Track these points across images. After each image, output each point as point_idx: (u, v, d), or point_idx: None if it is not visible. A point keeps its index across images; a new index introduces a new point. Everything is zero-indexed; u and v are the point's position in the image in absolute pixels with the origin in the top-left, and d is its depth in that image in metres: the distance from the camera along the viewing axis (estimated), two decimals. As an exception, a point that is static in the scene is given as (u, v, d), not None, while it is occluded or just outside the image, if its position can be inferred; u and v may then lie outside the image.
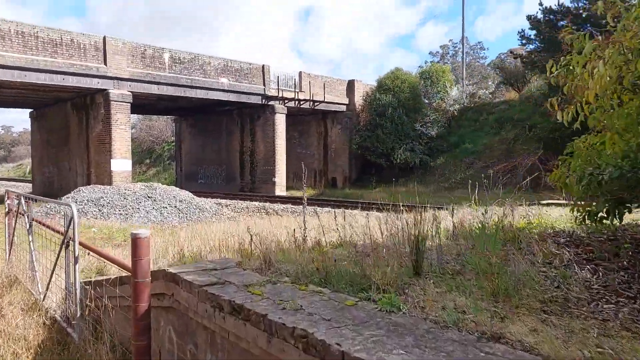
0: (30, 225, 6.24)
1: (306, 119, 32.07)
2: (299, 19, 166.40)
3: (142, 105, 25.01)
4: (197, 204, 16.04)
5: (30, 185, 34.98)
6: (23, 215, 6.59)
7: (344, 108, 30.65)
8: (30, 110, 27.29)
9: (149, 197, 14.98)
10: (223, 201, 19.06)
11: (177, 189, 17.13)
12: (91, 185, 16.61)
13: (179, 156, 32.77)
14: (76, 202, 14.17)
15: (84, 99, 21.12)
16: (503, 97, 34.81)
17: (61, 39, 18.10)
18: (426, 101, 30.12)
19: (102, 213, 13.69)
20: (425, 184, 28.05)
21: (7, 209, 7.35)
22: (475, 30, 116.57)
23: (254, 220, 12.58)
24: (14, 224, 7.13)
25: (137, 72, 20.28)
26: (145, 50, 20.72)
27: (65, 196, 15.19)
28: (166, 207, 14.89)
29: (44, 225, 5.96)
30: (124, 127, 19.89)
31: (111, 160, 19.39)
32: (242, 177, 28.37)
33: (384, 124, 28.17)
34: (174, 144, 46.97)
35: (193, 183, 30.59)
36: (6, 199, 7.42)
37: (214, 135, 30.08)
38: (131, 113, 21.20)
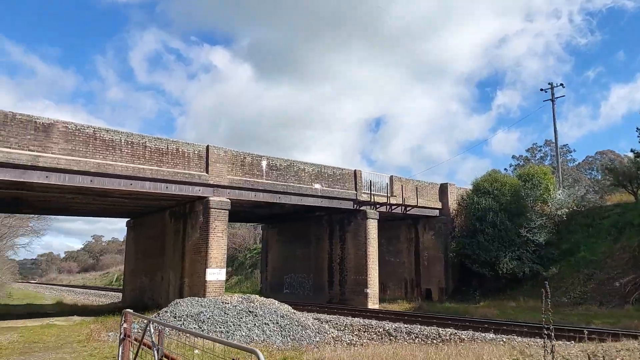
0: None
1: (394, 225, 30.47)
2: (370, 129, 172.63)
3: (234, 212, 24.73)
4: (298, 320, 14.37)
5: (119, 294, 35.12)
6: (151, 348, 5.30)
7: (436, 213, 28.90)
8: (127, 219, 27.96)
9: (250, 312, 13.58)
10: (322, 316, 17.21)
11: (277, 302, 15.68)
12: (188, 298, 15.59)
13: (265, 264, 31.82)
14: (175, 317, 13.03)
15: (183, 207, 21.09)
16: (604, 200, 31.60)
17: (167, 148, 18.45)
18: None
19: (202, 330, 12.36)
20: (538, 298, 24.72)
21: (122, 335, 6.12)
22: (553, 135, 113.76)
23: (376, 348, 10.68)
24: (132, 358, 5.86)
25: (236, 180, 20.14)
26: (245, 158, 20.75)
27: (163, 310, 14.16)
28: (268, 324, 13.34)
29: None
30: (221, 234, 19.31)
31: (207, 269, 18.56)
32: (330, 287, 26.58)
33: (485, 230, 25.90)
34: (256, 252, 46.67)
35: (278, 293, 29.05)
36: (122, 321, 6.21)
37: (301, 243, 29.08)
38: (226, 220, 20.68)
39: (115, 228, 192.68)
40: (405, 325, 14.51)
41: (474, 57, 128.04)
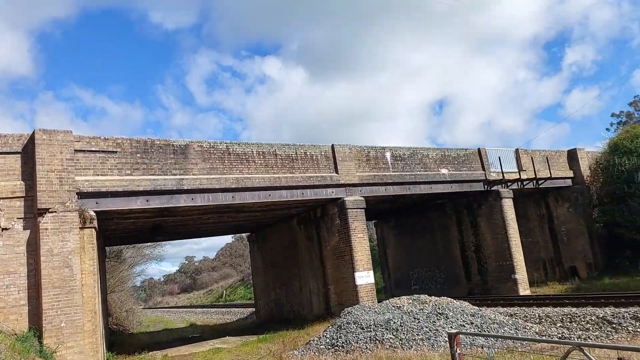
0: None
1: (520, 203, 27.93)
2: (434, 112, 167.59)
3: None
4: (489, 316, 12.83)
5: (242, 310, 35.22)
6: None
7: (569, 183, 26.23)
8: (247, 234, 27.68)
9: (439, 314, 12.25)
10: (501, 309, 15.53)
11: (455, 300, 14.19)
12: (358, 306, 14.49)
13: (385, 262, 30.50)
14: (362, 329, 11.93)
15: (312, 212, 20.23)
16: None
17: (296, 153, 17.63)
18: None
19: (401, 340, 11.15)
20: None
21: None
22: (635, 84, 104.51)
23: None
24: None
25: (364, 176, 18.98)
26: (369, 152, 19.55)
27: (339, 322, 13.08)
28: (464, 325, 11.91)
29: None
30: (362, 235, 18.19)
31: (355, 273, 17.48)
32: (467, 277, 24.73)
33: (635, 192, 23.05)
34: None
35: (405, 290, 27.62)
36: (454, 346, 4.95)
37: (423, 235, 27.44)
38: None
39: (200, 247, 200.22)
40: (625, 310, 12.45)
41: (537, 18, 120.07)
